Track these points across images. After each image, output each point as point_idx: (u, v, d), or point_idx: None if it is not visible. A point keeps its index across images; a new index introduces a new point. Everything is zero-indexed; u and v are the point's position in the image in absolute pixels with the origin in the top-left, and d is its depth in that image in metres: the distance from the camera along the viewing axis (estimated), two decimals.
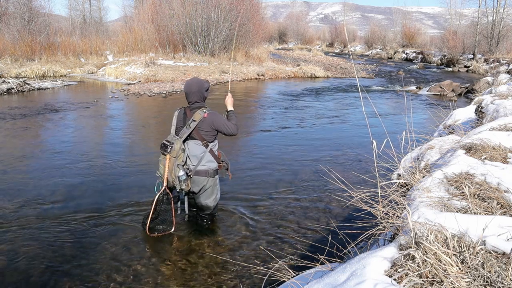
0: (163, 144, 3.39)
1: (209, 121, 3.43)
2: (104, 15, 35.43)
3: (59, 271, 3.02)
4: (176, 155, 3.33)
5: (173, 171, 3.34)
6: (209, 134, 3.47)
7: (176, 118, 3.54)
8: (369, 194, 2.25)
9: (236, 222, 3.86)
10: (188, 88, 3.51)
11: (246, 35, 21.30)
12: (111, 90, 13.50)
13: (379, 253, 1.52)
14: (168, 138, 3.43)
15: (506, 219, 1.64)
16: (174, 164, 3.34)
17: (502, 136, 2.83)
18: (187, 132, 3.40)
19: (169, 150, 3.33)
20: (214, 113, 3.50)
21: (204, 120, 3.42)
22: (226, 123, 3.50)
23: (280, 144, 6.82)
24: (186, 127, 3.41)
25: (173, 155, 3.33)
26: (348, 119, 9.20)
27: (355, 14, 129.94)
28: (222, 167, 3.65)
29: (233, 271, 3.05)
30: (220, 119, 3.50)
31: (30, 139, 6.98)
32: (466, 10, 40.90)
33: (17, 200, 4.28)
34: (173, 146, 3.33)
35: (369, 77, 19.25)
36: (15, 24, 19.46)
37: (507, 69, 20.79)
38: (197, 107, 3.50)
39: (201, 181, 3.48)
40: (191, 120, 3.41)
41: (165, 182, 3.41)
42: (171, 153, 3.33)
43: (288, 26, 60.25)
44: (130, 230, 3.66)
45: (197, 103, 3.52)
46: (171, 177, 3.37)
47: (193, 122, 3.39)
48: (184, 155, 3.39)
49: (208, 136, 3.47)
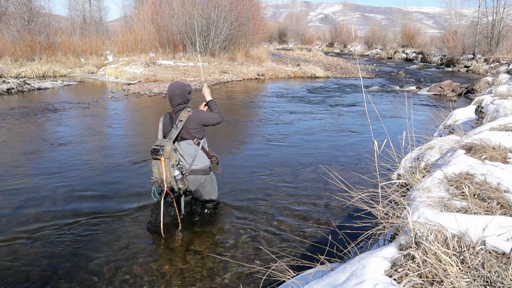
0: (154, 149, 3.44)
1: (195, 118, 3.56)
2: (104, 15, 35.47)
3: (58, 271, 3.02)
4: (169, 156, 3.40)
5: (169, 172, 3.41)
6: (198, 131, 3.59)
7: (161, 124, 3.64)
8: (369, 194, 2.25)
9: (236, 222, 3.86)
10: (171, 91, 3.63)
11: (246, 35, 21.30)
12: (111, 90, 13.50)
13: (379, 253, 1.52)
14: (157, 143, 3.50)
15: (506, 219, 1.64)
16: (168, 165, 3.41)
17: (502, 136, 2.83)
18: (176, 132, 3.49)
19: (161, 152, 3.38)
20: (197, 110, 3.65)
21: (190, 119, 3.54)
22: (210, 115, 3.64)
23: (280, 144, 6.82)
24: (174, 128, 3.50)
25: (166, 157, 3.39)
26: (348, 119, 9.20)
27: (355, 14, 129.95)
28: (213, 161, 3.77)
29: (233, 271, 3.05)
30: (204, 114, 3.63)
31: (30, 139, 6.98)
32: (466, 10, 40.90)
33: (17, 200, 4.27)
34: (164, 148, 3.39)
35: (369, 77, 19.24)
36: (15, 24, 19.47)
37: (507, 69, 20.79)
38: (180, 109, 3.61)
39: (198, 179, 3.61)
40: (178, 121, 3.51)
41: (165, 184, 3.44)
42: (163, 155, 3.38)
43: (288, 26, 60.24)
44: (130, 230, 3.66)
45: (181, 105, 3.64)
46: (168, 178, 3.43)
47: (180, 122, 3.50)
48: (177, 155, 3.49)
49: (197, 133, 3.59)
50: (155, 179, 3.51)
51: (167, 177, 3.42)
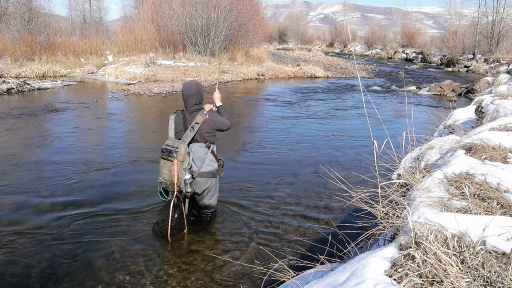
0: (165, 149, 3.32)
1: (211, 122, 3.47)
2: (104, 15, 35.44)
3: (58, 271, 3.02)
4: (183, 159, 3.30)
5: (180, 175, 3.31)
6: (211, 135, 3.52)
7: (174, 122, 3.50)
8: (369, 194, 2.25)
9: (236, 222, 3.86)
10: (187, 90, 3.50)
11: (246, 35, 21.30)
12: (111, 90, 13.50)
13: (379, 253, 1.52)
14: (169, 142, 3.38)
15: (506, 219, 1.64)
16: (180, 168, 3.31)
17: (502, 136, 2.83)
18: (191, 135, 3.39)
19: (174, 154, 3.27)
20: (212, 113, 3.55)
21: (207, 122, 3.45)
22: (223, 120, 3.59)
23: (280, 144, 6.82)
24: (190, 130, 3.39)
25: (179, 160, 3.28)
26: (348, 119, 9.20)
27: (355, 14, 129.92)
28: (219, 165, 3.69)
29: (233, 271, 3.05)
30: (218, 118, 3.57)
31: (29, 139, 6.98)
32: (466, 10, 40.92)
33: (17, 199, 4.27)
34: (179, 151, 3.27)
35: (369, 77, 19.24)
36: (15, 24, 19.46)
37: (507, 69, 20.79)
38: (196, 109, 3.51)
39: (205, 182, 3.52)
40: (194, 123, 3.40)
41: (175, 187, 3.35)
42: (177, 158, 3.27)
43: (288, 26, 60.23)
44: (130, 230, 3.65)
45: (196, 105, 3.54)
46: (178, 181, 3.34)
47: (197, 125, 3.40)
48: (190, 159, 3.38)
49: (210, 137, 3.52)
50: (163, 180, 3.40)
51: (178, 181, 3.32)
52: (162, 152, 3.35)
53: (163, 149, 3.35)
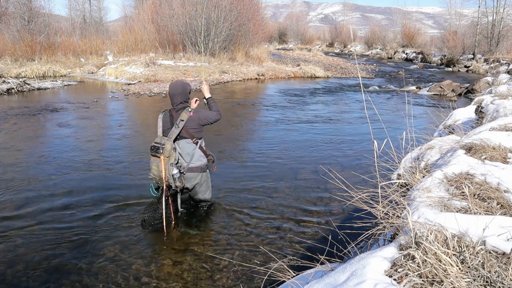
0: (153, 147, 3.50)
1: (195, 119, 3.63)
2: (104, 15, 35.43)
3: (58, 271, 3.02)
4: (169, 155, 3.45)
5: (167, 170, 3.46)
6: (197, 130, 3.68)
7: (161, 121, 3.68)
8: (369, 194, 2.25)
9: (235, 222, 3.86)
10: (173, 90, 3.69)
11: (246, 35, 21.29)
12: (111, 90, 13.50)
13: (379, 253, 1.52)
14: (157, 140, 3.55)
15: (506, 219, 1.64)
16: (167, 164, 3.46)
17: (502, 136, 2.82)
18: (177, 131, 3.55)
19: (161, 151, 3.43)
20: (197, 110, 3.70)
21: (191, 119, 3.61)
22: (208, 114, 3.73)
23: (280, 144, 6.82)
24: (175, 127, 3.56)
25: (165, 155, 3.44)
26: (348, 119, 9.20)
27: (355, 14, 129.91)
28: (210, 160, 3.84)
29: (233, 271, 3.05)
30: (203, 113, 3.71)
31: (30, 139, 6.98)
32: (466, 10, 40.89)
33: (17, 199, 4.28)
34: (165, 147, 3.44)
35: (369, 77, 19.24)
36: (15, 24, 19.47)
37: (507, 69, 20.78)
38: (181, 107, 3.68)
39: (195, 177, 3.69)
40: (179, 120, 3.57)
41: (164, 182, 3.50)
42: (163, 154, 3.43)
43: (288, 26, 60.22)
44: (129, 229, 3.66)
45: (182, 104, 3.70)
46: (166, 176, 3.49)
47: (181, 122, 3.56)
48: (176, 154, 3.54)
49: (197, 133, 3.67)
50: (153, 176, 3.58)
51: (166, 175, 3.47)
52: (151, 149, 3.52)
53: (152, 146, 3.53)
